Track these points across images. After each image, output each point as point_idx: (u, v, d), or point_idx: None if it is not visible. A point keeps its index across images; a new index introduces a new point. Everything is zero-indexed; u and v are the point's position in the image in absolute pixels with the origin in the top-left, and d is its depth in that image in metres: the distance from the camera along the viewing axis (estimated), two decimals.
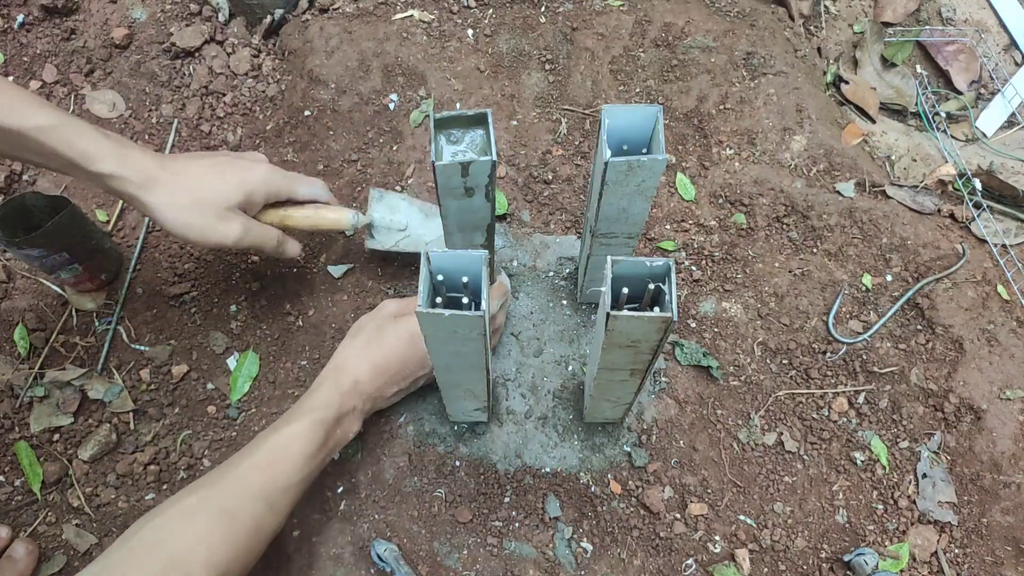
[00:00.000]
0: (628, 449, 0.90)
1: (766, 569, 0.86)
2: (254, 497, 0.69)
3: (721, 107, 1.13)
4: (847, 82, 1.22)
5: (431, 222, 0.97)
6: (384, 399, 0.84)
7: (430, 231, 0.96)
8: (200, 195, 0.78)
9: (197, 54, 1.17)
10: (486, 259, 0.61)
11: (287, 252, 0.89)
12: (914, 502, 0.89)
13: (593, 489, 0.89)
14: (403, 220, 0.96)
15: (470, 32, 1.19)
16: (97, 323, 0.98)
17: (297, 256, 0.91)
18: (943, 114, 1.21)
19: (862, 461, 0.91)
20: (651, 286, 0.62)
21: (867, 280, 1.02)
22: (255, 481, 0.70)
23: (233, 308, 0.99)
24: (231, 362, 0.96)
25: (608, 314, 0.59)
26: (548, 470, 0.89)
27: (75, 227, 0.90)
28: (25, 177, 1.08)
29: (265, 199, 0.84)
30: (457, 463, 0.90)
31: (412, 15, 1.20)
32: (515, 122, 1.13)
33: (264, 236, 0.84)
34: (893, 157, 1.17)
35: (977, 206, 1.07)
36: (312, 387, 0.79)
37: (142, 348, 0.96)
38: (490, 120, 0.66)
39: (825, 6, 1.30)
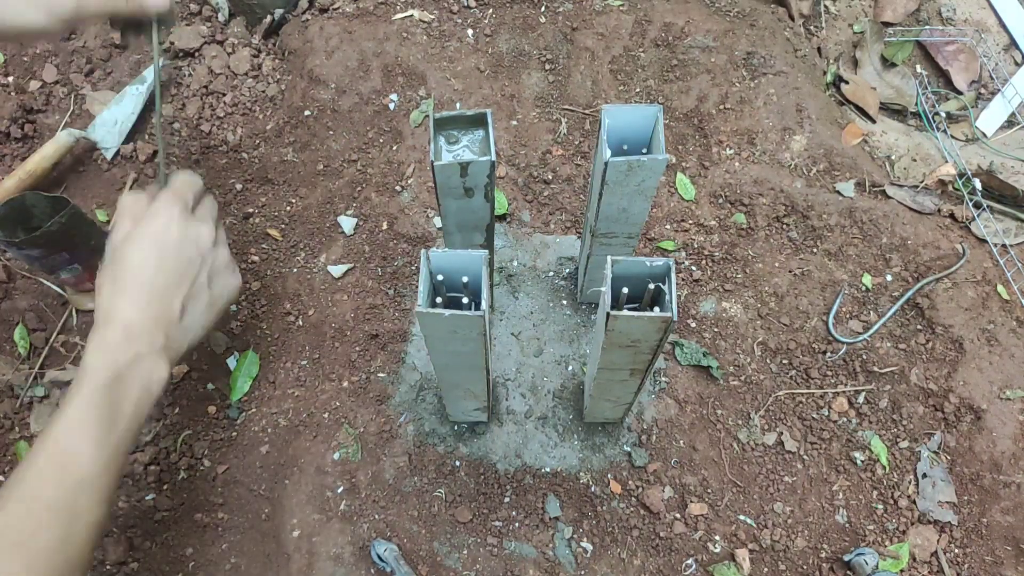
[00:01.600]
0: (628, 449, 0.90)
1: (766, 569, 0.86)
2: (49, 510, 0.59)
3: (721, 107, 1.13)
4: (847, 82, 1.22)
5: None
6: (184, 326, 0.71)
7: None
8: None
9: (197, 54, 1.17)
10: (486, 259, 0.61)
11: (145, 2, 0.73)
12: (914, 502, 0.89)
13: (593, 489, 0.89)
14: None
15: (470, 32, 1.19)
16: None
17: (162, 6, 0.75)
18: (943, 114, 1.21)
19: (862, 461, 0.91)
20: (651, 286, 0.63)
21: (867, 280, 1.02)
22: (43, 492, 0.59)
23: (233, 308, 0.99)
24: (231, 362, 0.96)
25: (608, 314, 0.59)
26: (548, 470, 0.89)
27: (75, 227, 0.90)
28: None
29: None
30: (457, 463, 0.90)
31: (412, 15, 1.20)
32: (515, 122, 1.13)
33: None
34: (893, 157, 1.17)
35: (977, 206, 1.07)
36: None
37: None
38: (489, 120, 0.66)
39: (825, 6, 1.30)
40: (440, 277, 0.64)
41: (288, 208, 1.07)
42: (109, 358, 0.65)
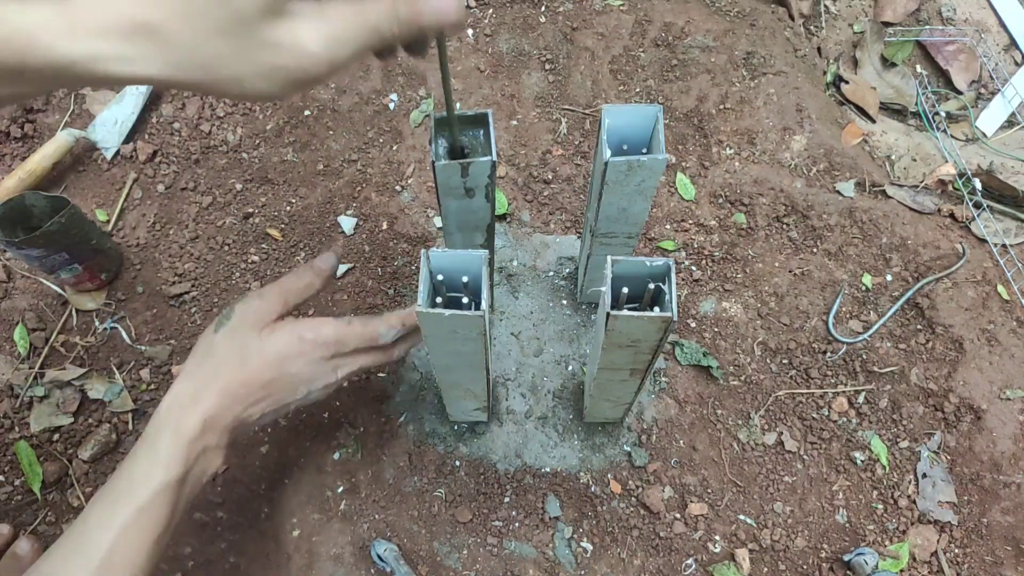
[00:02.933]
0: (628, 449, 0.90)
1: (766, 569, 0.86)
2: None
3: (721, 107, 1.13)
4: (847, 82, 1.22)
5: None
6: (246, 426, 0.66)
7: None
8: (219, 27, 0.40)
9: None
10: (486, 259, 0.61)
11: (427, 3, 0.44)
12: (914, 502, 0.89)
13: (593, 489, 0.89)
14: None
15: (470, 32, 1.19)
16: (97, 323, 0.98)
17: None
18: (943, 114, 1.21)
19: (862, 461, 0.91)
20: (651, 286, 0.62)
21: (867, 280, 1.02)
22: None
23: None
24: None
25: (608, 314, 0.59)
26: (548, 470, 0.89)
27: (75, 227, 0.90)
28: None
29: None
30: (457, 463, 0.90)
31: None
32: (515, 122, 1.13)
33: (359, 18, 0.43)
34: (893, 157, 1.17)
35: (977, 206, 1.07)
36: (145, 437, 0.61)
37: (142, 348, 0.96)
38: (490, 120, 0.66)
39: (825, 6, 1.30)
40: (440, 277, 0.64)
41: (288, 208, 1.07)
42: (183, 452, 0.60)
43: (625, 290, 0.62)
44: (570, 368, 0.95)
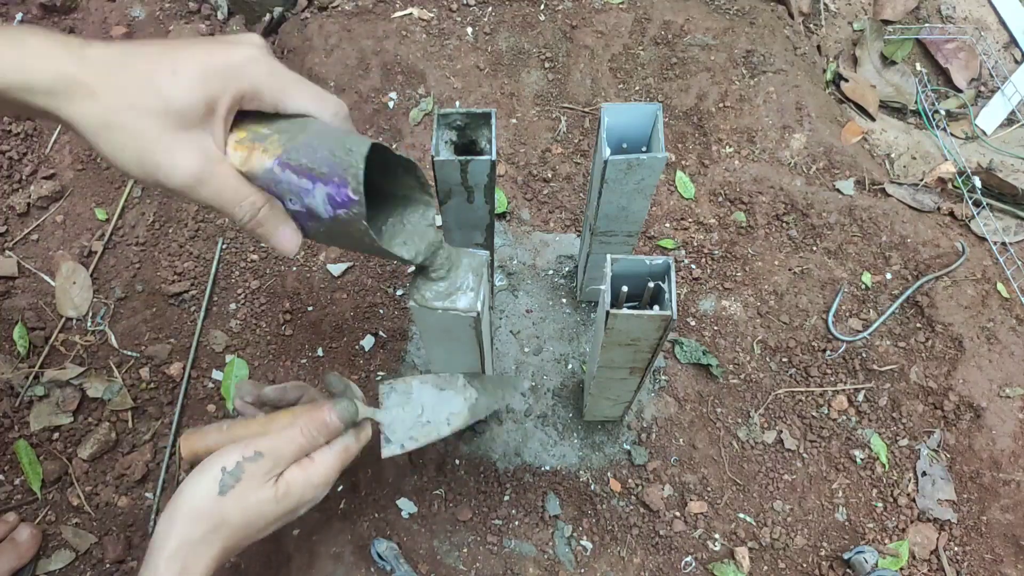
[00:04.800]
0: (628, 447, 0.90)
1: (766, 567, 0.86)
2: None
3: (721, 105, 1.13)
4: (847, 80, 1.22)
5: (448, 396, 0.71)
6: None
7: (449, 406, 0.71)
8: (138, 102, 0.48)
9: None
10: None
11: (269, 237, 0.55)
12: (914, 500, 0.89)
13: (593, 487, 0.89)
14: (417, 406, 0.70)
15: (469, 30, 1.19)
16: (88, 324, 0.98)
17: (291, 251, 0.57)
18: (943, 112, 1.21)
19: (862, 459, 0.91)
20: (651, 284, 0.62)
21: (867, 278, 1.02)
22: None
23: (232, 306, 0.99)
24: (217, 374, 0.95)
25: (608, 312, 0.59)
26: (548, 468, 0.89)
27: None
28: None
29: (236, 103, 0.52)
30: (457, 461, 0.90)
31: (411, 13, 1.20)
32: (515, 120, 1.13)
33: (229, 192, 0.52)
34: (893, 155, 1.17)
35: (977, 204, 1.07)
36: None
37: (130, 353, 0.96)
38: (493, 120, 0.66)
39: (825, 4, 1.30)
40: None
41: None
42: None
43: (625, 288, 0.63)
44: (570, 366, 0.95)
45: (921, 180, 1.11)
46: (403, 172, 0.57)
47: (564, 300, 0.99)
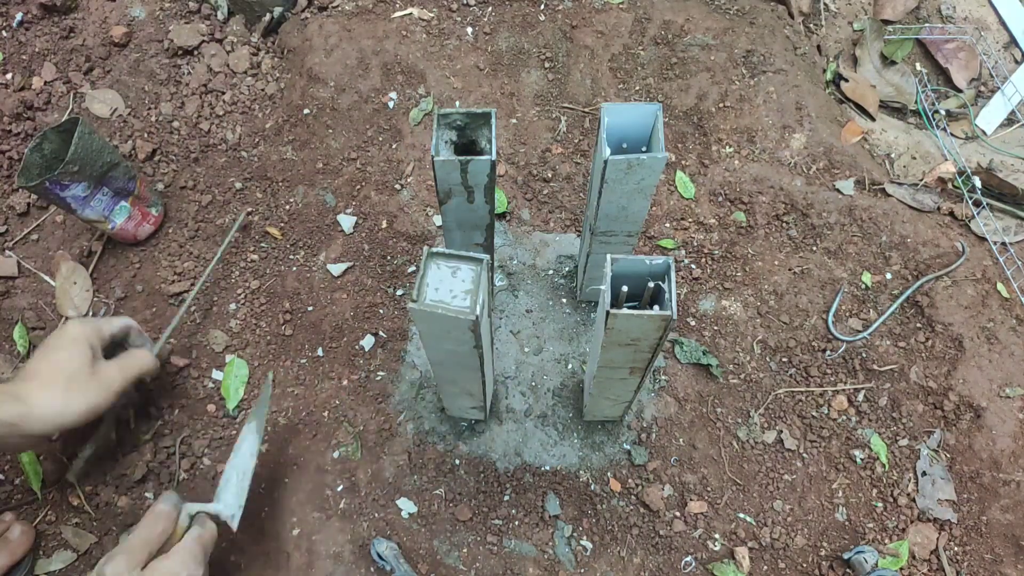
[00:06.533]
0: (628, 447, 0.90)
1: (766, 567, 0.86)
2: None
3: (721, 105, 1.13)
4: (847, 80, 1.22)
5: (243, 440, 0.82)
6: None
7: (246, 446, 0.81)
8: (62, 369, 0.75)
9: (196, 52, 1.17)
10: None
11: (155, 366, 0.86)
12: (914, 500, 0.89)
13: (593, 487, 0.89)
14: (232, 474, 0.79)
15: (469, 30, 1.19)
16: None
17: (149, 371, 0.85)
18: (943, 112, 1.21)
19: (862, 459, 0.91)
20: (651, 284, 0.62)
21: (867, 278, 1.02)
22: None
23: (232, 306, 0.99)
24: (217, 374, 0.95)
25: (608, 312, 0.59)
26: (548, 468, 0.89)
27: (94, 143, 0.91)
28: None
29: (101, 343, 0.81)
30: (457, 461, 0.90)
31: (411, 13, 1.20)
32: (515, 120, 1.13)
33: (136, 363, 0.82)
34: (893, 155, 1.17)
35: (977, 204, 1.07)
36: None
37: None
38: (493, 120, 0.66)
39: (825, 3, 1.30)
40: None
41: (287, 207, 1.07)
42: None
43: (625, 288, 0.63)
44: (570, 366, 0.95)
45: (921, 180, 1.11)
46: None
47: (564, 300, 0.99)
